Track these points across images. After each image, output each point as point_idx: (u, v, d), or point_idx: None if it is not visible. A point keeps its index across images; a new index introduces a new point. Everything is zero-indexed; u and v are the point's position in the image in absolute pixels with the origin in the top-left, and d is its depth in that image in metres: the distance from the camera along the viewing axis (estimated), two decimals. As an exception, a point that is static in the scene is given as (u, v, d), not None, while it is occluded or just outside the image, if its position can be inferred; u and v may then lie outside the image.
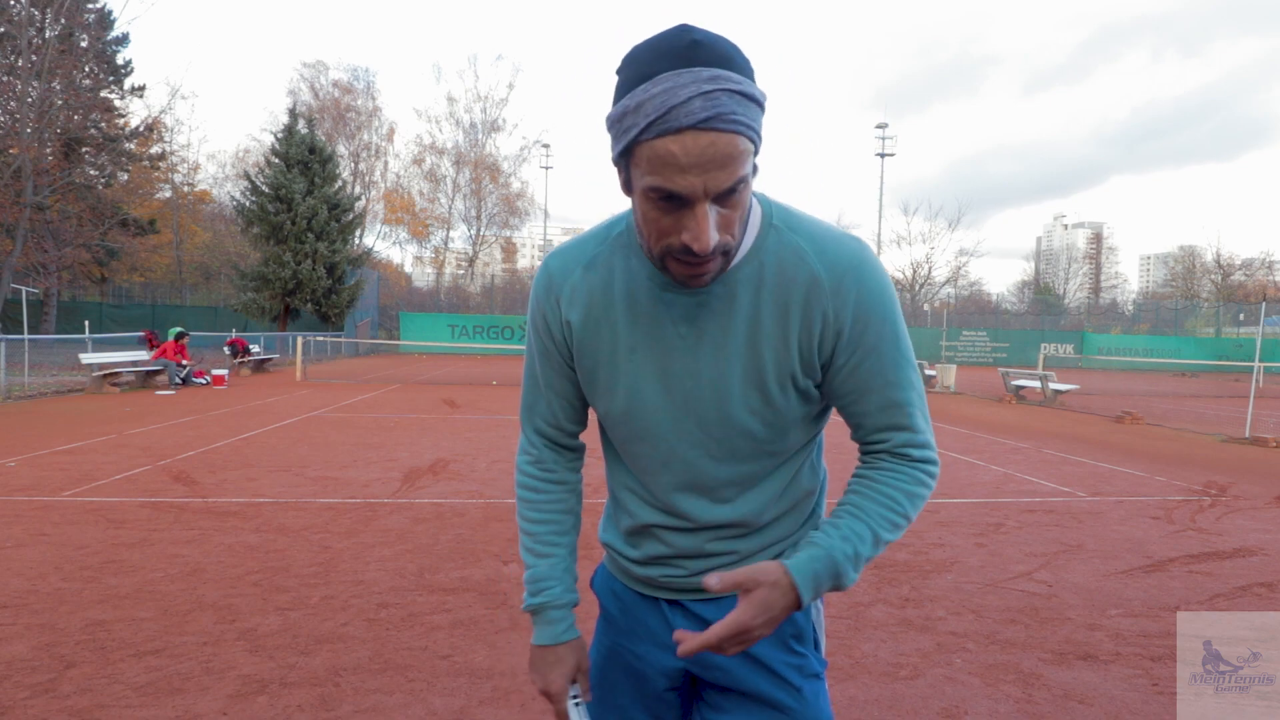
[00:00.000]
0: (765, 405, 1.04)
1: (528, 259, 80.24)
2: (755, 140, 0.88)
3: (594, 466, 7.23)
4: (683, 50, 0.84)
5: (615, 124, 0.89)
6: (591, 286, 1.07)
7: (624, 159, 0.91)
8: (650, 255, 0.95)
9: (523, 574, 1.19)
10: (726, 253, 0.92)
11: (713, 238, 0.87)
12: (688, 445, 1.06)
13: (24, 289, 18.99)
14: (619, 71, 0.90)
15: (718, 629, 0.93)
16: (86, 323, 17.94)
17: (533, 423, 1.21)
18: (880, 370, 1.02)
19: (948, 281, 50.05)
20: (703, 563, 1.13)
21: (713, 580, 0.94)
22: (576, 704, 1.14)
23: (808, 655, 1.14)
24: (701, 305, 1.02)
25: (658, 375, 1.05)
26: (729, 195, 0.87)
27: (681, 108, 0.82)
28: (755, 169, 0.91)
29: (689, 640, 0.94)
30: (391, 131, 51.70)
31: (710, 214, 0.87)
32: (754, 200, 1.02)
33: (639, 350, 1.05)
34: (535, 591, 1.17)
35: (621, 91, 0.88)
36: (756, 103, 0.87)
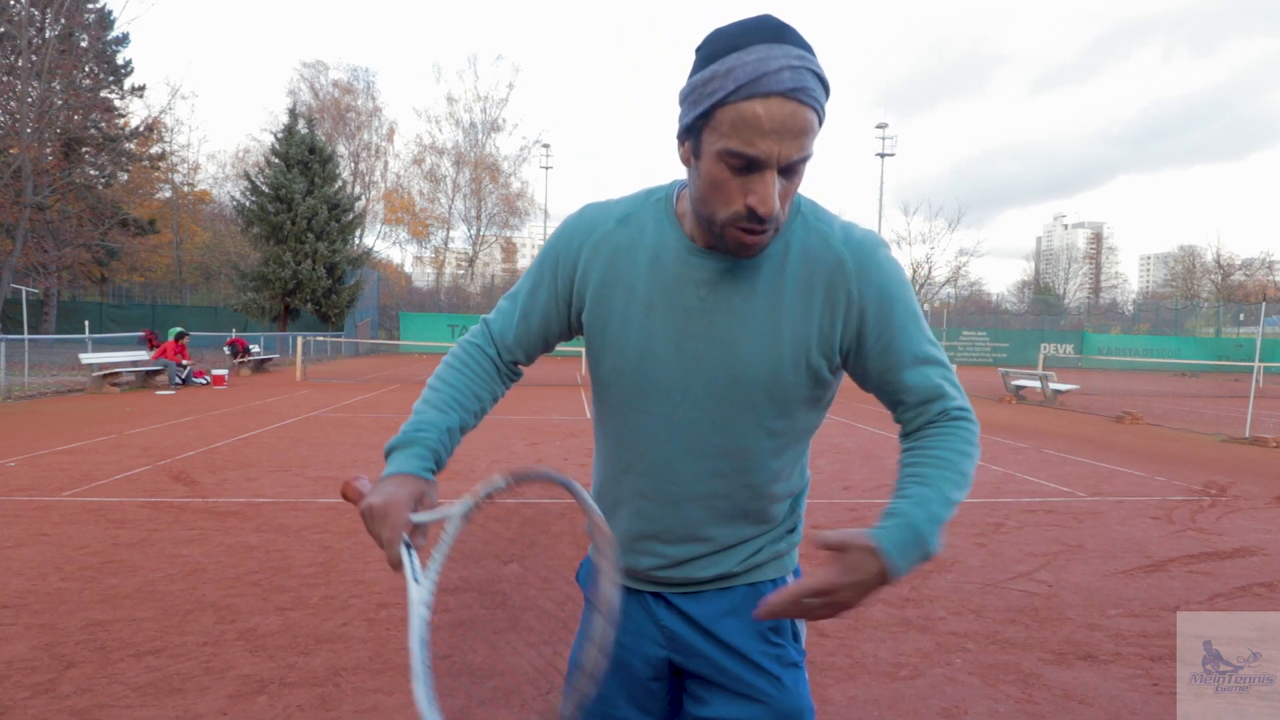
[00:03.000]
0: (774, 379, 1.06)
1: (528, 259, 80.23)
2: (821, 124, 0.96)
3: (590, 469, 7.20)
4: (774, 29, 0.92)
5: (699, 88, 0.94)
6: (619, 240, 1.12)
7: (699, 123, 0.95)
8: (711, 222, 0.99)
9: (406, 422, 1.12)
10: (779, 225, 0.99)
11: (776, 204, 0.94)
12: (691, 406, 1.09)
13: (24, 289, 19.00)
14: (700, 49, 0.96)
15: (803, 582, 0.92)
16: (86, 323, 17.94)
17: (494, 326, 1.23)
18: (909, 346, 1.07)
19: (948, 281, 50.03)
20: (681, 549, 1.15)
21: (827, 535, 0.93)
22: (409, 546, 0.98)
23: (785, 645, 1.17)
24: (725, 272, 1.06)
25: (672, 334, 1.08)
26: (793, 169, 0.94)
27: (773, 75, 0.89)
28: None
29: (770, 601, 0.93)
30: (391, 131, 51.74)
31: (776, 183, 0.94)
32: None
33: (657, 307, 1.08)
34: (414, 429, 1.09)
35: (704, 63, 0.94)
36: (828, 92, 0.96)
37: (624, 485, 1.17)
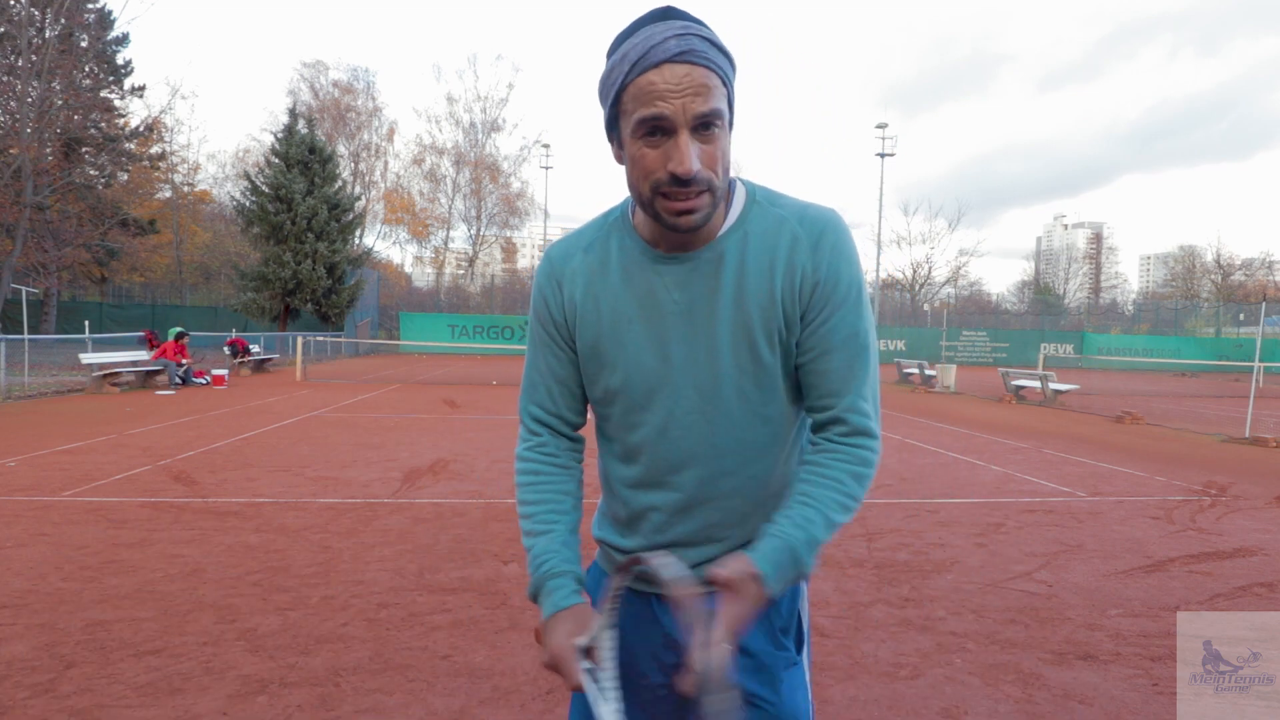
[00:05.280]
0: (754, 363, 1.08)
1: (528, 259, 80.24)
2: (726, 83, 0.99)
3: (591, 467, 7.20)
4: (661, 11, 0.99)
5: (604, 81, 1.01)
6: (590, 266, 1.14)
7: (614, 115, 1.02)
8: (642, 202, 1.02)
9: (525, 568, 1.18)
10: (712, 190, 1.00)
11: (694, 164, 0.96)
12: (685, 410, 1.10)
13: (24, 289, 19.01)
14: (608, 50, 1.02)
15: (719, 635, 0.92)
16: (86, 323, 17.94)
17: (532, 412, 1.24)
18: (844, 329, 1.08)
19: (948, 281, 50.07)
20: (699, 551, 1.15)
21: (717, 572, 0.96)
22: (589, 670, 1.01)
23: (789, 648, 1.18)
24: (692, 271, 1.08)
25: (655, 343, 1.10)
26: (706, 128, 0.97)
27: (659, 46, 0.95)
28: (731, 123, 1.01)
29: (694, 659, 0.90)
30: (391, 131, 51.72)
31: (691, 145, 0.96)
32: (738, 182, 1.11)
33: (636, 321, 1.11)
34: (535, 568, 1.12)
35: (609, 59, 1.01)
36: (725, 55, 0.99)
37: (634, 500, 1.17)
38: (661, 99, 0.94)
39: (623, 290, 1.11)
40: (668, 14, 0.98)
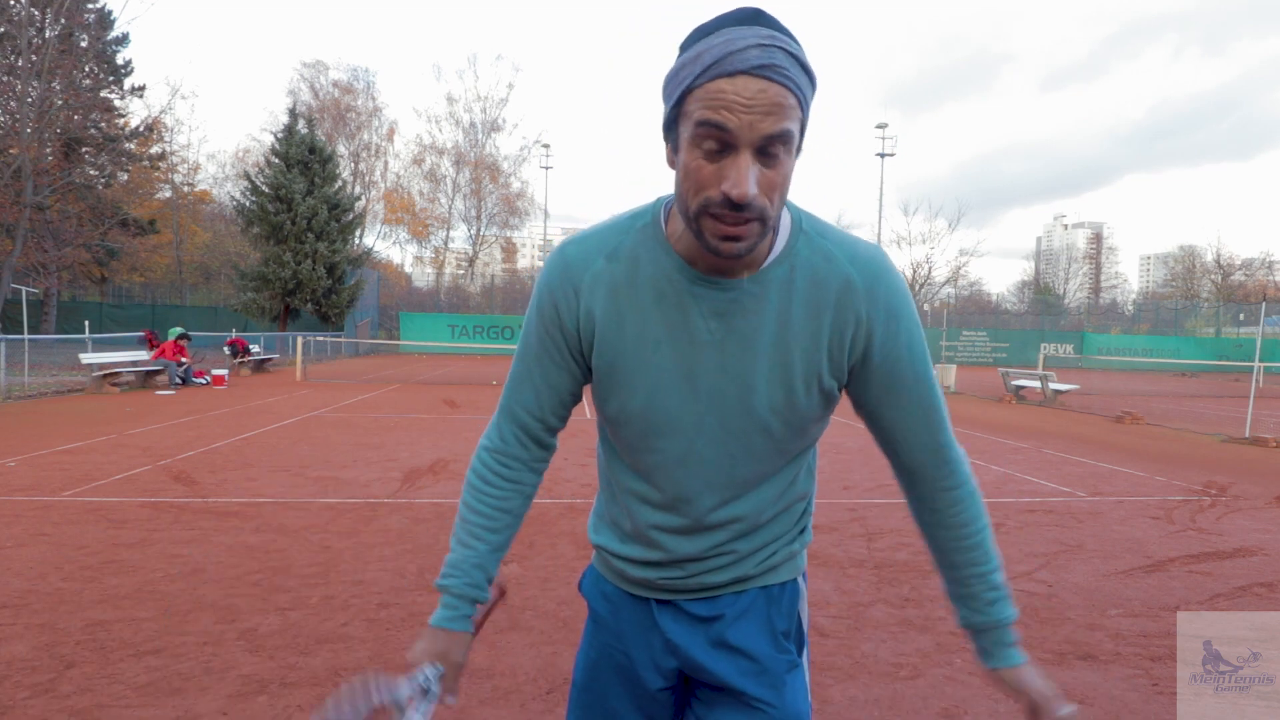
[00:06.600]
0: (788, 405, 1.04)
1: (528, 259, 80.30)
2: (802, 105, 0.90)
3: (591, 468, 7.22)
4: (749, 14, 0.89)
5: (672, 78, 0.92)
6: (615, 277, 1.05)
7: (675, 114, 0.93)
8: (687, 216, 0.94)
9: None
10: (764, 219, 0.91)
11: (751, 189, 0.87)
12: (706, 442, 1.06)
13: (24, 289, 19.00)
14: (682, 43, 0.93)
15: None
16: (86, 323, 17.94)
17: (512, 413, 1.17)
18: (913, 369, 1.06)
19: (948, 281, 50.05)
20: (702, 564, 1.13)
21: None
22: (419, 680, 1.09)
23: (791, 650, 1.17)
24: (733, 301, 1.01)
25: (683, 370, 1.04)
26: (771, 153, 0.88)
27: (738, 54, 0.86)
28: (800, 148, 0.92)
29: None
30: (391, 131, 51.71)
31: (752, 167, 0.88)
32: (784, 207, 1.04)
33: (664, 344, 1.04)
34: (444, 575, 1.16)
35: (682, 54, 0.92)
36: (807, 74, 0.90)
37: (639, 518, 1.14)
38: (729, 109, 0.86)
39: (653, 310, 1.03)
40: (757, 18, 0.89)
